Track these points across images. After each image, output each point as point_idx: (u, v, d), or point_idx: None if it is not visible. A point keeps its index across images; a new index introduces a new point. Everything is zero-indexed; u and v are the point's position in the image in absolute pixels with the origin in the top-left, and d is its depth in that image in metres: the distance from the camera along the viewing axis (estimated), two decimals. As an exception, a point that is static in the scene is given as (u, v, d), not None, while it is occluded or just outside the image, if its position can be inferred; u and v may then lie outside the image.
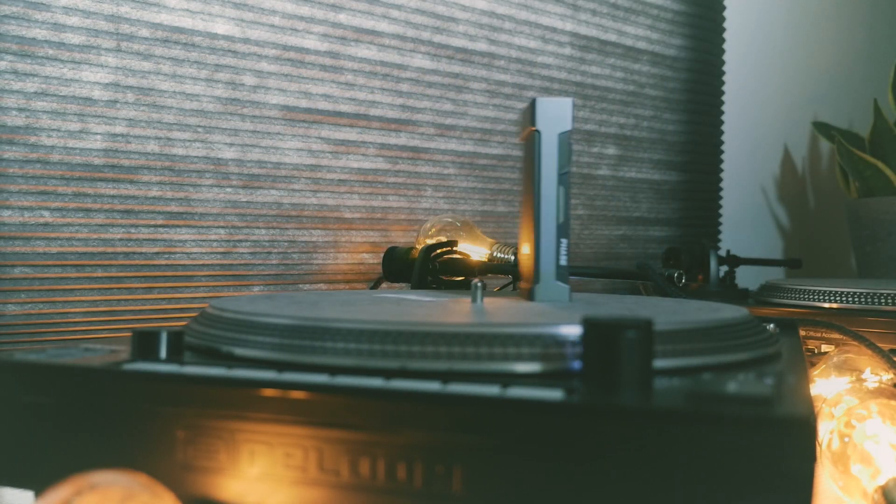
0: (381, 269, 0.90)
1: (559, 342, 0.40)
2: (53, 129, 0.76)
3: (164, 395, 0.39)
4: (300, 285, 0.94)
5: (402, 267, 0.86)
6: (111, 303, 0.80)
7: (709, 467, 0.32)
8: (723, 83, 1.45)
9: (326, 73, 0.95)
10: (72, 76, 0.77)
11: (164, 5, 0.83)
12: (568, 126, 0.55)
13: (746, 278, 1.28)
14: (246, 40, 0.88)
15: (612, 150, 1.27)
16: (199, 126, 0.85)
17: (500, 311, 0.50)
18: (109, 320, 0.80)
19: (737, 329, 0.46)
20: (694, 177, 1.41)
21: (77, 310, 0.78)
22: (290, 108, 0.92)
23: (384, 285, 0.93)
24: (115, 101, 0.80)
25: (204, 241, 0.86)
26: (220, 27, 0.87)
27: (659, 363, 0.40)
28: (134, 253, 0.81)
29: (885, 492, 0.41)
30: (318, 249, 0.95)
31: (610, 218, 1.27)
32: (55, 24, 0.76)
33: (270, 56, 0.90)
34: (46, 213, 0.76)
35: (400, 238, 1.01)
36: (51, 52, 0.76)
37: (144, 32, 0.81)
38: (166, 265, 0.84)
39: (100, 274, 0.79)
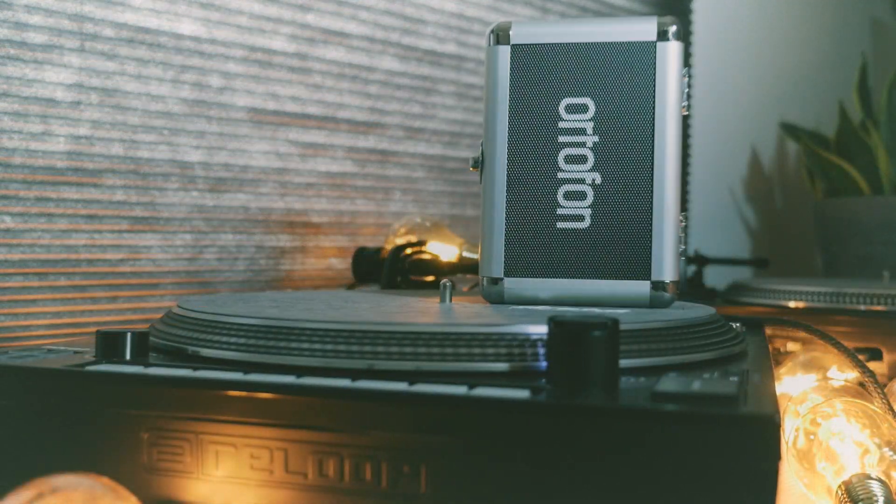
0: (351, 270, 0.90)
1: (526, 342, 0.40)
2: (15, 131, 0.75)
3: (128, 397, 0.38)
4: (268, 291, 0.93)
5: (372, 267, 0.86)
6: (75, 314, 0.79)
7: (674, 465, 0.32)
8: (690, 86, 1.46)
9: (294, 74, 0.95)
10: (34, 76, 0.76)
11: (129, 4, 0.82)
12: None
13: (714, 278, 1.28)
14: (213, 41, 0.88)
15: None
16: (164, 128, 0.85)
17: (468, 311, 0.50)
18: (73, 332, 0.79)
19: (703, 328, 0.46)
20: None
21: (40, 322, 0.77)
22: (258, 110, 0.92)
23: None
24: (79, 103, 0.79)
25: (169, 246, 0.85)
26: (187, 27, 0.86)
27: (625, 362, 0.40)
28: (98, 260, 0.80)
29: (848, 488, 0.42)
30: (285, 254, 0.95)
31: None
32: (17, 22, 0.75)
33: (237, 57, 0.90)
34: (8, 219, 0.75)
35: (368, 242, 1.01)
36: (12, 51, 0.75)
37: (109, 32, 0.81)
38: (131, 272, 0.83)
39: (63, 283, 0.78)
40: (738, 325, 0.54)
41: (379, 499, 0.35)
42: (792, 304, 0.82)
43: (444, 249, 0.85)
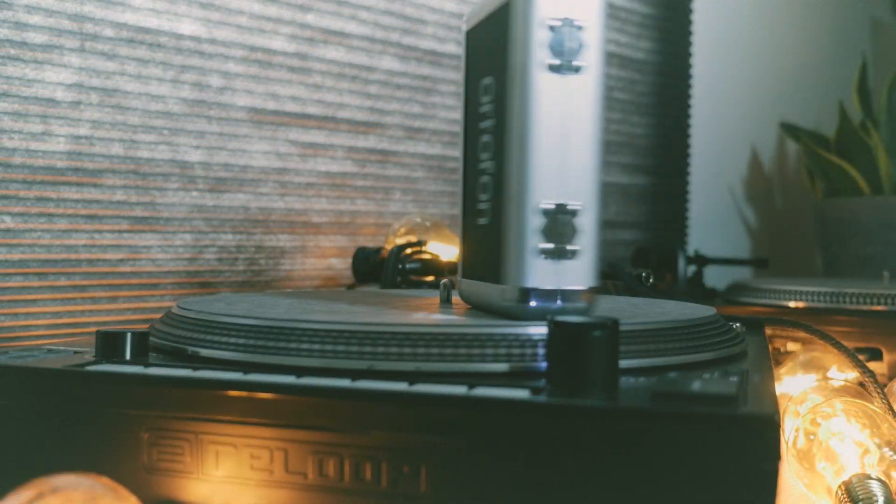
0: (351, 269, 0.90)
1: (526, 342, 0.40)
2: (15, 131, 0.75)
3: (128, 397, 0.38)
4: (268, 291, 0.93)
5: (372, 267, 0.86)
6: (75, 314, 0.79)
7: (674, 466, 0.32)
8: (690, 86, 1.46)
9: (294, 74, 0.95)
10: (34, 76, 0.76)
11: (129, 4, 0.82)
12: None
13: (715, 278, 1.28)
14: (213, 41, 0.88)
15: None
16: (164, 128, 0.85)
17: (468, 311, 0.50)
18: (73, 332, 0.79)
19: (703, 328, 0.46)
20: (662, 180, 1.42)
21: (40, 322, 0.77)
22: (258, 110, 0.92)
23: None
24: (79, 103, 0.79)
25: (170, 246, 0.85)
26: (187, 27, 0.86)
27: (625, 362, 0.40)
28: (98, 260, 0.80)
29: (847, 488, 0.42)
30: (285, 254, 0.95)
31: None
32: (17, 22, 0.75)
33: (237, 57, 0.90)
34: (8, 219, 0.75)
35: (368, 242, 1.01)
36: (12, 51, 0.75)
37: (109, 32, 0.81)
38: (131, 272, 0.83)
39: (63, 283, 0.78)
40: (738, 325, 0.54)
41: (379, 499, 0.35)
42: (792, 304, 0.82)
43: (444, 249, 0.85)
